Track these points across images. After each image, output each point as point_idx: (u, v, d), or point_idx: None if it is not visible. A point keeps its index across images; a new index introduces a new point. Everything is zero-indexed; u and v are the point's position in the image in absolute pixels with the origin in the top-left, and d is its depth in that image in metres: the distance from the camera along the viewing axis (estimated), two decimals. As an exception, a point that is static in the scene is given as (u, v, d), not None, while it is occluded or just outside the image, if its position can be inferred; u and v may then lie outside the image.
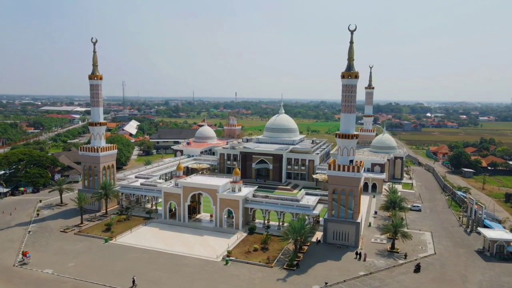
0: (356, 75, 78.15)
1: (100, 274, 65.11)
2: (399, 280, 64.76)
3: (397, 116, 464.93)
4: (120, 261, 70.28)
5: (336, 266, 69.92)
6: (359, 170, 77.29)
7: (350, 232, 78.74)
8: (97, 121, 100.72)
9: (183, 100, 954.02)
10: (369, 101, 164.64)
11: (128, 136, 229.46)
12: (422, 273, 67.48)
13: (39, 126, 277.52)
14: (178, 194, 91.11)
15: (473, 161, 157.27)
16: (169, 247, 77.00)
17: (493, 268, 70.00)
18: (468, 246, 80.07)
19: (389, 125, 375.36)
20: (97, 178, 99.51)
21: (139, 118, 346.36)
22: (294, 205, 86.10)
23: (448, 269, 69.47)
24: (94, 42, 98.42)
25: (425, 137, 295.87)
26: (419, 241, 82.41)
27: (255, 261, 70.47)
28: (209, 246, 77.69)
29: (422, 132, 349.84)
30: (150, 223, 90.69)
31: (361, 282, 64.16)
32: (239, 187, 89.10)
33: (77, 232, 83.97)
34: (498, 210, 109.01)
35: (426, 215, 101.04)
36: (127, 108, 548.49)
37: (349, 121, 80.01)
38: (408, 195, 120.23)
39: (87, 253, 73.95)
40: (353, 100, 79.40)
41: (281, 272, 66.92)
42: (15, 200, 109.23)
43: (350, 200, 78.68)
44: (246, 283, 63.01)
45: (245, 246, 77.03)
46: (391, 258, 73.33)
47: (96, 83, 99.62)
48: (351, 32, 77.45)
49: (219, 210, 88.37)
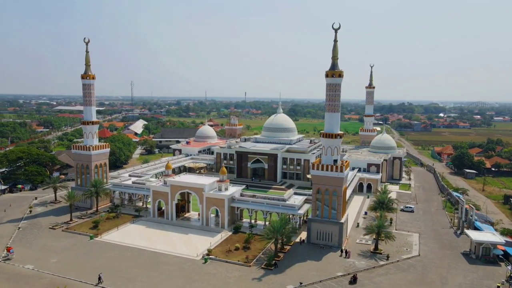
0: (340, 74, 77.35)
1: (79, 270, 66.03)
2: (376, 282, 63.91)
3: (407, 116, 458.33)
4: (101, 258, 71.13)
5: (315, 266, 69.40)
6: (342, 170, 76.46)
7: (334, 232, 78.03)
8: (90, 120, 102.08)
9: (196, 100, 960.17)
10: (369, 100, 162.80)
11: (133, 135, 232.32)
12: (402, 275, 66.51)
13: (48, 125, 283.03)
14: (166, 193, 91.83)
15: (476, 162, 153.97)
16: (152, 245, 77.60)
17: (476, 271, 68.47)
18: (455, 248, 78.51)
19: (398, 125, 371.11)
20: (89, 176, 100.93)
21: (148, 118, 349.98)
22: (279, 204, 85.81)
23: (430, 271, 68.23)
24: (87, 42, 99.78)
25: (434, 138, 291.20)
26: (405, 242, 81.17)
27: (234, 260, 70.48)
28: (191, 245, 77.99)
29: (432, 132, 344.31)
30: (138, 221, 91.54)
31: (337, 282, 63.56)
32: (225, 186, 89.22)
33: (65, 229, 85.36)
34: (495, 212, 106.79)
35: (418, 216, 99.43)
36: (138, 108, 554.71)
37: (333, 120, 79.26)
38: (403, 196, 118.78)
39: (71, 249, 75.10)
40: (337, 99, 78.61)
41: (258, 272, 66.76)
42: (12, 197, 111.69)
43: (333, 200, 77.95)
44: (221, 282, 63.08)
45: (228, 245, 77.12)
46: (373, 259, 72.41)
47: (88, 83, 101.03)
48: (335, 30, 76.61)
49: (205, 209, 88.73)
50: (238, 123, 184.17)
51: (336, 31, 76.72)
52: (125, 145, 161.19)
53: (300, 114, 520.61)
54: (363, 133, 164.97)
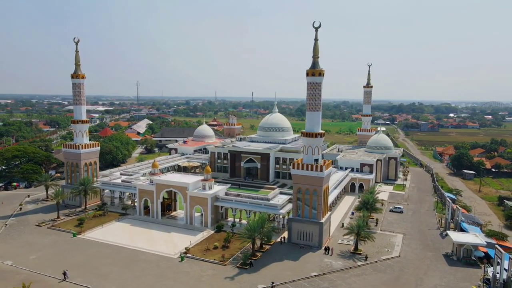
0: (320, 72, 76.82)
1: (56, 267, 66.80)
2: (349, 282, 63.30)
3: (415, 116, 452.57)
4: (80, 255, 71.95)
5: (291, 266, 69.05)
6: (322, 169, 75.87)
7: (314, 232, 77.51)
8: (79, 119, 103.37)
9: (205, 100, 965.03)
10: (367, 100, 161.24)
11: (135, 134, 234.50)
12: (377, 276, 65.73)
13: (55, 125, 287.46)
14: (152, 191, 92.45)
15: (475, 162, 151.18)
16: (132, 242, 78.21)
17: (454, 272, 67.27)
18: (437, 250, 77.27)
19: (405, 125, 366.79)
20: (79, 174, 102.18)
21: (153, 118, 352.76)
22: (262, 204, 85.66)
23: (407, 272, 67.29)
24: (76, 42, 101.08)
25: (440, 138, 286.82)
26: (388, 243, 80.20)
27: (210, 259, 70.57)
28: (172, 243, 78.36)
29: (439, 132, 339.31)
30: (123, 219, 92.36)
31: (310, 282, 63.13)
32: (209, 185, 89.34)
33: (50, 227, 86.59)
34: (487, 213, 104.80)
35: (407, 217, 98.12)
36: (146, 108, 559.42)
37: (314, 120, 78.84)
38: (395, 196, 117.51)
39: (52, 246, 76.16)
40: (318, 98, 78.12)
41: (233, 271, 66.71)
42: (6, 195, 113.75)
43: (314, 199, 77.42)
44: (193, 280, 63.24)
45: (207, 243, 77.24)
46: (351, 260, 71.73)
47: (78, 82, 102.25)
48: (316, 29, 76.20)
49: (189, 208, 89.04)
50: (236, 122, 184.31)
51: (316, 29, 76.28)
52: (123, 144, 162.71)
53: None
54: (360, 133, 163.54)
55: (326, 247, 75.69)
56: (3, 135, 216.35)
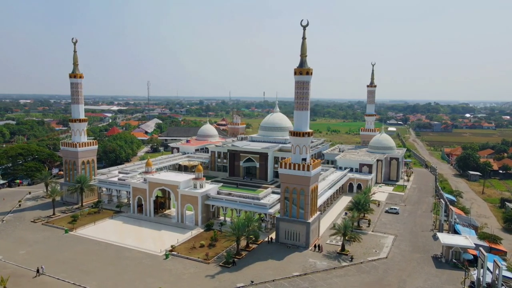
0: (308, 71, 76.26)
1: (42, 262, 67.93)
2: (330, 283, 62.68)
3: (429, 117, 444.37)
4: (68, 252, 73.29)
5: (274, 265, 68.78)
6: (309, 169, 75.30)
7: (301, 232, 77.02)
8: (77, 118, 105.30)
9: (220, 100, 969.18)
10: (370, 99, 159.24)
11: (143, 134, 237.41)
12: (360, 277, 64.90)
13: (67, 124, 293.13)
14: (144, 189, 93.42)
15: (481, 163, 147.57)
16: (121, 240, 79.17)
17: (440, 275, 65.87)
18: (427, 251, 75.78)
19: (417, 125, 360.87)
20: (76, 172, 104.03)
21: (163, 117, 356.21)
22: (252, 203, 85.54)
23: (391, 273, 66.23)
24: (74, 43, 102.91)
25: (452, 139, 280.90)
26: (377, 244, 79.05)
27: (194, 257, 70.91)
28: (160, 241, 79.00)
29: (452, 133, 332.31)
30: (117, 216, 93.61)
31: (290, 282, 62.77)
32: (200, 183, 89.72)
33: (44, 223, 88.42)
34: (487, 216, 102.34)
35: (402, 218, 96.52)
36: (160, 108, 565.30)
37: (302, 119, 78.23)
38: (394, 197, 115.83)
39: (43, 242, 77.74)
40: (305, 97, 77.52)
41: (215, 269, 66.86)
42: (9, 191, 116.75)
43: (301, 199, 76.94)
44: (174, 278, 63.66)
45: (194, 242, 77.61)
46: (336, 260, 71.01)
47: (76, 82, 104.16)
48: (304, 27, 75.64)
49: (180, 206, 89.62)
50: (240, 122, 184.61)
51: (304, 28, 75.72)
52: (127, 143, 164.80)
53: (320, 114, 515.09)
54: (363, 133, 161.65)
55: (316, 245, 76.39)
56: (15, 133, 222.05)
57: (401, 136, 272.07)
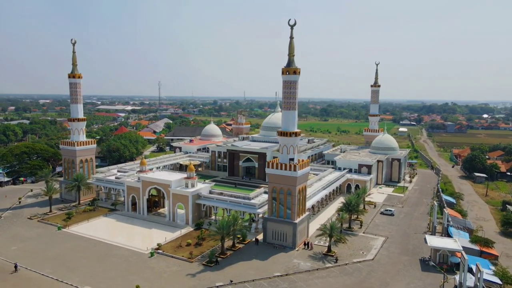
0: (295, 71, 75.84)
1: (30, 258, 69.96)
2: (310, 284, 62.23)
3: (444, 117, 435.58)
4: (58, 248, 74.82)
5: (257, 265, 68.68)
6: (296, 169, 74.89)
7: (288, 232, 76.66)
8: (76, 117, 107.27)
9: (234, 100, 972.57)
10: (374, 99, 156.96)
11: (151, 133, 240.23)
12: (341, 278, 64.24)
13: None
14: (138, 188, 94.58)
15: (488, 165, 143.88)
16: (111, 237, 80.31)
17: (425, 278, 64.59)
18: (415, 254, 74.41)
19: (430, 126, 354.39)
20: (74, 171, 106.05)
21: (174, 117, 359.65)
22: (241, 203, 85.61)
23: (374, 276, 65.31)
24: (73, 43, 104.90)
25: (465, 139, 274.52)
26: (366, 245, 78.03)
27: (179, 256, 71.44)
28: (149, 239, 79.79)
29: (466, 134, 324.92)
30: (111, 214, 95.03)
31: (270, 282, 62.58)
32: (192, 183, 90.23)
33: (40, 220, 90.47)
34: (486, 218, 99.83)
35: (397, 219, 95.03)
36: (173, 107, 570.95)
37: (289, 119, 78.03)
38: (393, 198, 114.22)
39: (36, 239, 79.56)
40: (293, 97, 77.15)
41: (197, 268, 67.22)
42: (12, 189, 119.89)
43: (288, 199, 76.58)
44: (155, 275, 64.26)
45: (182, 240, 78.16)
46: (321, 261, 70.45)
47: (75, 82, 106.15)
48: (291, 27, 75.23)
49: (171, 205, 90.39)
50: (245, 122, 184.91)
51: (292, 27, 75.31)
52: (131, 143, 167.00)
53: (332, 114, 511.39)
54: (367, 133, 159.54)
55: (305, 242, 77.13)
56: (28, 132, 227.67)
57: (411, 137, 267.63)
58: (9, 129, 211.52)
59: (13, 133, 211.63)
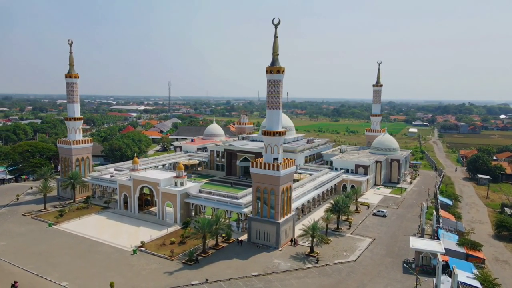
0: (279, 70, 75.39)
1: (16, 253, 71.60)
2: (286, 284, 61.83)
3: (458, 118, 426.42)
4: (44, 244, 76.33)
5: (237, 265, 68.61)
6: (278, 168, 74.51)
7: (271, 232, 76.35)
8: (73, 116, 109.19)
9: (248, 100, 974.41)
10: (376, 99, 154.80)
11: (158, 133, 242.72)
12: (319, 279, 63.63)
13: (90, 123, 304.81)
14: (129, 186, 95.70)
15: (492, 167, 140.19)
16: (98, 235, 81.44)
17: (405, 281, 63.39)
18: (400, 256, 73.11)
19: (442, 126, 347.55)
20: (70, 169, 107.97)
21: (184, 117, 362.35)
22: (228, 202, 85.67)
23: (353, 277, 64.46)
24: (70, 44, 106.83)
25: (477, 140, 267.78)
26: (351, 247, 77.07)
27: (161, 253, 71.96)
28: (135, 237, 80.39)
29: (479, 135, 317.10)
30: (103, 212, 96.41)
31: (246, 282, 62.43)
32: (181, 181, 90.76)
33: (33, 216, 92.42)
34: (482, 221, 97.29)
35: (388, 221, 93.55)
36: (185, 108, 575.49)
37: (273, 118, 77.47)
38: (389, 199, 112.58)
39: (25, 235, 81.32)
40: (277, 96, 76.73)
41: (177, 266, 67.59)
42: (14, 186, 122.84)
43: (272, 199, 76.26)
44: (133, 273, 64.87)
45: (167, 239, 78.69)
46: (302, 262, 69.91)
47: (71, 81, 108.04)
48: (275, 26, 74.96)
49: (161, 203, 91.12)
50: (248, 121, 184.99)
51: (276, 26, 75.01)
52: (134, 142, 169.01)
53: (344, 114, 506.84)
54: (368, 133, 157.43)
55: (292, 239, 78.19)
56: (38, 131, 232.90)
57: (420, 138, 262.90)
58: (19, 128, 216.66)
59: (23, 132, 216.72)
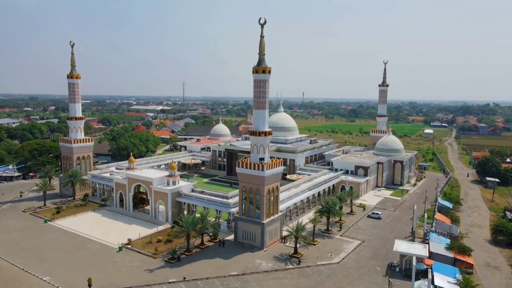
0: (265, 70, 75.26)
1: (8, 248, 73.99)
2: (263, 285, 61.64)
3: (480, 118, 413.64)
4: (36, 240, 78.55)
5: (218, 264, 68.83)
6: (263, 168, 74.28)
7: (257, 232, 76.22)
8: (74, 116, 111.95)
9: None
10: (382, 99, 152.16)
11: (169, 133, 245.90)
12: (297, 280, 63.16)
13: (106, 123, 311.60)
14: (124, 185, 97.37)
15: (502, 169, 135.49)
16: (90, 232, 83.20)
17: (384, 284, 61.95)
18: (386, 259, 71.68)
19: (461, 127, 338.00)
20: (71, 167, 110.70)
21: (198, 117, 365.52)
22: (217, 201, 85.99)
23: (333, 279, 63.66)
24: (72, 45, 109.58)
25: (497, 142, 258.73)
26: (337, 249, 76.11)
27: (145, 251, 72.92)
28: (124, 234, 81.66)
29: (500, 136, 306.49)
30: (100, 210, 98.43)
31: (223, 281, 62.57)
32: (173, 180, 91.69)
33: (32, 213, 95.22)
34: (482, 225, 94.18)
35: (383, 223, 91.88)
36: (202, 108, 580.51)
37: (260, 118, 77.40)
38: (388, 202, 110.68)
39: (20, 230, 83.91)
40: (263, 96, 76.61)
41: (158, 264, 68.37)
42: (21, 183, 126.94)
43: (258, 199, 76.11)
44: (114, 269, 66.03)
45: (154, 237, 79.66)
46: (284, 263, 69.47)
47: (73, 82, 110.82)
48: (261, 25, 74.84)
49: (153, 202, 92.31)
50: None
51: (262, 26, 74.93)
52: (141, 141, 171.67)
53: (362, 115, 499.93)
54: (374, 134, 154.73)
55: (281, 236, 79.60)
56: (54, 131, 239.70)
57: (435, 139, 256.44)
58: (35, 128, 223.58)
59: (39, 131, 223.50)
